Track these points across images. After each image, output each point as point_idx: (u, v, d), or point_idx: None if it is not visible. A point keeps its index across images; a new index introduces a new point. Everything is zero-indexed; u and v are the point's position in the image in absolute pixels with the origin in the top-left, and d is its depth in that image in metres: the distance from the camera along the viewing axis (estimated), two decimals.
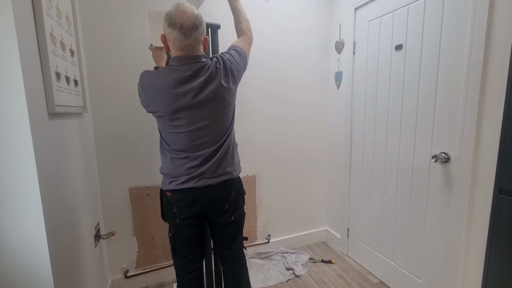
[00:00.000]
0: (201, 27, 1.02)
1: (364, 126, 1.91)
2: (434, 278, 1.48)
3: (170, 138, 1.11)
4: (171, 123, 1.07)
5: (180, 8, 0.98)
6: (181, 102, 1.03)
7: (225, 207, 1.18)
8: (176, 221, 1.17)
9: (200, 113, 1.06)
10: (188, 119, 1.06)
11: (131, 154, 1.69)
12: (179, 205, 1.14)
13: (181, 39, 1.00)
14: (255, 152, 2.04)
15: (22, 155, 0.81)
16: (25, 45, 0.83)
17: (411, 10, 1.50)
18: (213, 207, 1.17)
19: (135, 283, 1.79)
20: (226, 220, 1.21)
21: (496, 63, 1.14)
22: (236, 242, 1.29)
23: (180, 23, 0.98)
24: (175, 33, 0.99)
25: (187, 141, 1.09)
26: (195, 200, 1.12)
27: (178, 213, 1.15)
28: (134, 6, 1.59)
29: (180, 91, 1.02)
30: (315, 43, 2.12)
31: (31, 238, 0.85)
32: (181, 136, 1.08)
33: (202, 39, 1.05)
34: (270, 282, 1.82)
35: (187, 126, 1.06)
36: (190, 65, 1.03)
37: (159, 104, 1.05)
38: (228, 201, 1.18)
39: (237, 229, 1.27)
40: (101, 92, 1.58)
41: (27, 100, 0.80)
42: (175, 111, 1.04)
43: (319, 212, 2.37)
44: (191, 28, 0.99)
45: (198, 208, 1.14)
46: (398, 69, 1.60)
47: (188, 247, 1.20)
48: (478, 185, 1.24)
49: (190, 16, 0.99)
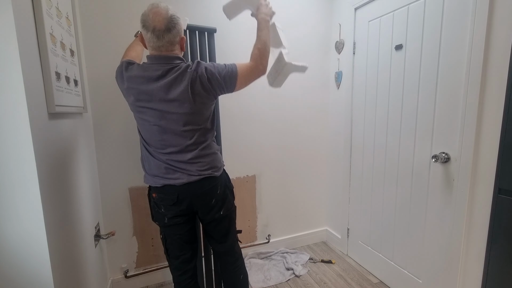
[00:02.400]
0: (175, 29, 1.02)
1: (364, 126, 1.91)
2: (434, 278, 1.48)
3: (142, 130, 1.12)
4: (138, 114, 1.09)
5: (153, 9, 0.98)
6: (145, 98, 1.05)
7: (212, 202, 1.17)
8: (164, 221, 1.17)
9: (163, 111, 1.05)
10: (152, 114, 1.06)
11: (131, 154, 1.69)
12: (165, 204, 1.14)
13: (155, 41, 1.01)
14: (255, 152, 2.04)
15: (22, 155, 0.81)
16: (25, 45, 0.83)
17: (411, 10, 1.50)
18: (199, 203, 1.16)
19: (135, 283, 1.79)
20: (215, 215, 1.20)
21: (496, 63, 1.14)
22: (230, 236, 1.29)
23: (153, 26, 0.98)
24: (149, 34, 1.00)
25: (154, 136, 1.09)
26: (180, 198, 1.12)
27: (165, 213, 1.16)
28: (134, 6, 1.59)
29: (147, 88, 1.03)
30: (315, 43, 2.12)
31: (31, 238, 0.85)
32: (148, 130, 1.09)
33: (177, 40, 1.05)
34: (270, 282, 1.82)
35: (152, 122, 1.07)
36: (161, 65, 1.04)
37: (126, 93, 1.08)
38: (214, 196, 1.17)
39: (229, 223, 1.27)
40: (101, 92, 1.58)
41: (27, 100, 0.80)
42: (140, 104, 1.06)
43: (319, 212, 2.37)
44: (163, 31, 0.99)
45: (184, 205, 1.14)
46: (398, 69, 1.60)
47: (180, 247, 1.21)
48: (478, 185, 1.24)
49: (163, 18, 0.98)
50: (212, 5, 1.77)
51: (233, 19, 1.27)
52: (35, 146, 0.83)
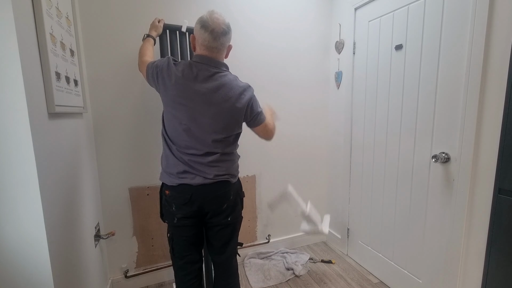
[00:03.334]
0: (229, 34, 1.12)
1: (364, 126, 1.91)
2: (434, 278, 1.48)
3: (169, 127, 1.13)
4: (172, 110, 1.10)
5: (213, 14, 1.09)
6: (187, 96, 1.07)
7: (223, 207, 1.18)
8: (174, 221, 1.18)
9: (198, 113, 1.08)
10: (186, 113, 1.08)
11: (131, 154, 1.69)
12: (177, 203, 1.14)
13: (210, 41, 1.09)
14: (255, 152, 2.04)
15: (22, 155, 0.81)
16: (25, 45, 0.83)
17: (411, 10, 1.50)
18: (211, 206, 1.17)
19: (135, 283, 1.79)
20: (223, 220, 1.20)
21: (496, 63, 1.14)
22: (230, 246, 1.27)
23: (212, 27, 1.07)
24: (206, 34, 1.08)
25: (180, 136, 1.11)
26: (192, 198, 1.13)
27: (175, 212, 1.16)
28: (134, 6, 1.59)
29: (193, 87, 1.07)
30: (315, 43, 2.12)
31: (31, 238, 0.85)
32: (177, 129, 1.10)
33: (227, 45, 1.15)
34: (270, 282, 1.82)
35: (183, 121, 1.09)
36: (210, 66, 1.10)
37: (168, 87, 1.09)
38: (226, 201, 1.18)
39: (232, 232, 1.26)
40: (101, 92, 1.58)
41: (27, 100, 0.80)
42: (179, 101, 1.08)
43: (319, 212, 2.37)
44: (221, 33, 1.09)
45: (195, 206, 1.14)
46: (398, 69, 1.60)
47: (186, 248, 1.21)
48: (478, 185, 1.24)
49: (222, 23, 1.08)
50: (209, 6, 1.76)
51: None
52: (35, 146, 0.83)
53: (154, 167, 1.75)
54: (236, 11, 1.84)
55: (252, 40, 1.91)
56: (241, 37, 1.87)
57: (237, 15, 1.84)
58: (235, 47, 1.87)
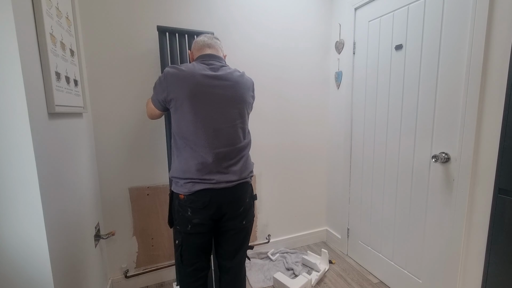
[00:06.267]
0: (220, 44, 1.25)
1: (364, 126, 1.91)
2: (434, 278, 1.48)
3: (186, 128, 1.08)
4: (191, 107, 1.06)
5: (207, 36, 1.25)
6: (203, 89, 1.07)
7: (240, 210, 1.15)
8: (187, 228, 1.10)
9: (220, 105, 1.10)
10: (207, 107, 1.08)
11: (131, 154, 1.69)
12: (194, 207, 1.08)
13: (205, 40, 1.21)
14: (255, 151, 2.04)
15: (22, 155, 0.81)
16: (25, 45, 0.83)
17: (411, 10, 1.50)
18: (228, 208, 1.13)
19: (135, 283, 1.79)
20: (238, 224, 1.17)
21: (496, 63, 1.14)
22: (242, 251, 1.24)
23: (204, 34, 1.25)
24: (201, 38, 1.22)
25: (204, 132, 1.08)
26: (211, 203, 1.09)
27: (191, 217, 1.09)
28: (134, 6, 1.59)
29: (206, 80, 1.08)
30: (315, 43, 2.12)
31: (31, 238, 0.85)
32: (199, 126, 1.07)
33: (221, 48, 1.25)
34: (270, 282, 1.82)
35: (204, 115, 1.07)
36: (215, 61, 1.16)
37: (182, 87, 1.06)
38: (243, 204, 1.16)
39: (245, 236, 1.23)
40: (101, 92, 1.58)
41: (27, 100, 0.80)
42: (195, 94, 1.06)
43: (319, 212, 2.37)
44: (213, 37, 1.23)
45: (212, 212, 1.10)
46: (398, 69, 1.60)
47: (196, 255, 1.15)
48: (478, 185, 1.24)
49: (214, 38, 1.24)
50: (208, 9, 1.77)
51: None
52: (35, 146, 0.83)
53: (154, 167, 1.75)
54: (236, 10, 1.84)
55: (252, 39, 1.91)
56: (241, 36, 1.87)
57: (237, 14, 1.84)
58: (235, 47, 1.87)
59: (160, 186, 1.78)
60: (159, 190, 1.78)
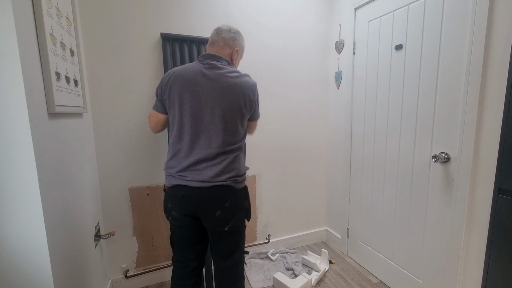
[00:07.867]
0: (233, 35, 1.20)
1: (364, 126, 1.91)
2: (434, 278, 1.48)
3: (172, 125, 1.15)
4: (178, 106, 1.10)
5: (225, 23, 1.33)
6: (191, 89, 1.09)
7: (216, 213, 1.12)
8: (169, 218, 1.20)
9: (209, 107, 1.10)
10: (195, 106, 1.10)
11: (131, 154, 1.69)
12: (172, 200, 1.16)
13: (213, 35, 1.20)
14: (255, 152, 2.04)
15: (22, 155, 0.81)
16: (25, 45, 0.83)
17: (411, 10, 1.50)
18: (204, 209, 1.12)
19: (135, 283, 1.79)
20: (219, 229, 1.15)
21: (496, 63, 1.14)
22: (234, 255, 1.21)
23: (219, 26, 1.21)
24: (213, 32, 1.21)
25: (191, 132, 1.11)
26: (184, 199, 1.11)
27: (171, 209, 1.17)
28: (134, 6, 1.59)
29: (195, 81, 1.10)
30: (315, 43, 2.12)
31: (31, 238, 0.85)
32: (183, 125, 1.11)
33: (230, 44, 1.19)
34: (270, 282, 1.82)
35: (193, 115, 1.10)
36: (213, 60, 1.15)
37: (173, 88, 1.11)
38: (220, 208, 1.12)
39: (234, 239, 1.20)
40: (101, 92, 1.58)
41: (27, 100, 0.80)
42: (183, 93, 1.10)
43: (319, 212, 2.37)
44: (224, 30, 1.19)
45: (187, 209, 1.12)
46: (398, 69, 1.60)
47: (182, 244, 1.22)
48: (478, 185, 1.24)
49: (229, 25, 1.22)
50: (209, 15, 1.77)
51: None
52: (35, 146, 0.83)
53: (154, 167, 1.75)
54: (236, 10, 1.84)
55: (252, 39, 1.91)
56: None
57: (237, 14, 1.84)
58: None
59: (160, 186, 1.78)
60: (159, 190, 1.78)
